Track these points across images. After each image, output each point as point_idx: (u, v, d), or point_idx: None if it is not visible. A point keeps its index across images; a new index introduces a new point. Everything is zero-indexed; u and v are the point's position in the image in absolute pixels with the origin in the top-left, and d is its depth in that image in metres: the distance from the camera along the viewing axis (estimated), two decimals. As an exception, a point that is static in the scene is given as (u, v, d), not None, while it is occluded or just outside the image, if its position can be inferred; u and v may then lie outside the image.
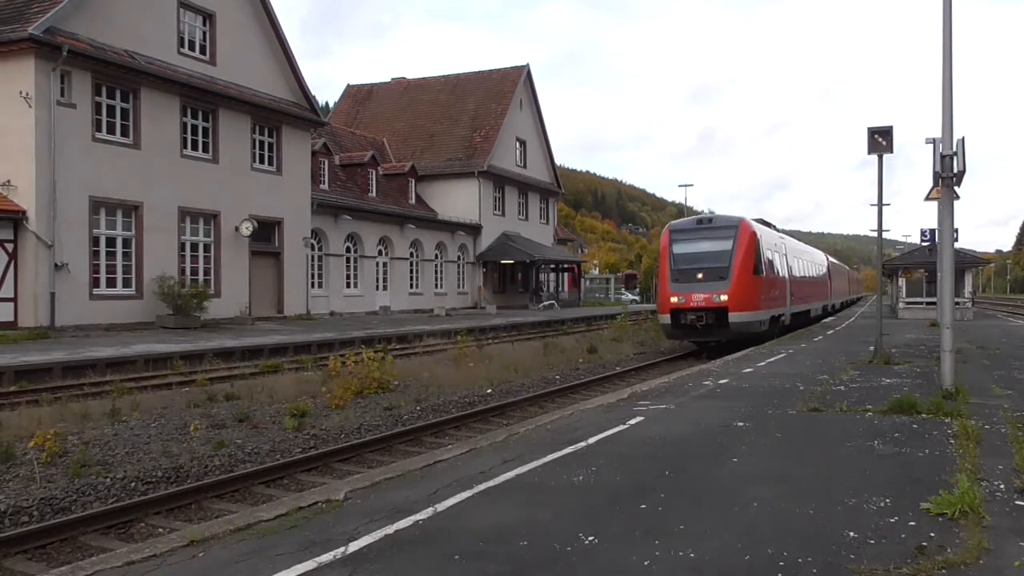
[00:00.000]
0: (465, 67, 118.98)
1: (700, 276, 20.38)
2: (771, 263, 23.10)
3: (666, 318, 20.77)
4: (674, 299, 20.33)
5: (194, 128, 26.70)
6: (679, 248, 21.24)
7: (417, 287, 41.28)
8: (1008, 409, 9.32)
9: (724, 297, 19.81)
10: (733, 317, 19.77)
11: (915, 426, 8.37)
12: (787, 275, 25.70)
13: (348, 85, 55.44)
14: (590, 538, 4.81)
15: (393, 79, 53.50)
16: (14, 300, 21.27)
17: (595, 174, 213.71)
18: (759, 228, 22.53)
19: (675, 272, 20.83)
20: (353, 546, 4.74)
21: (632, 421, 8.86)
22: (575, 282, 56.55)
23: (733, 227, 21.11)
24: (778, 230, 28.36)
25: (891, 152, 14.53)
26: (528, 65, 49.95)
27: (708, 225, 21.73)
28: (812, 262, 34.56)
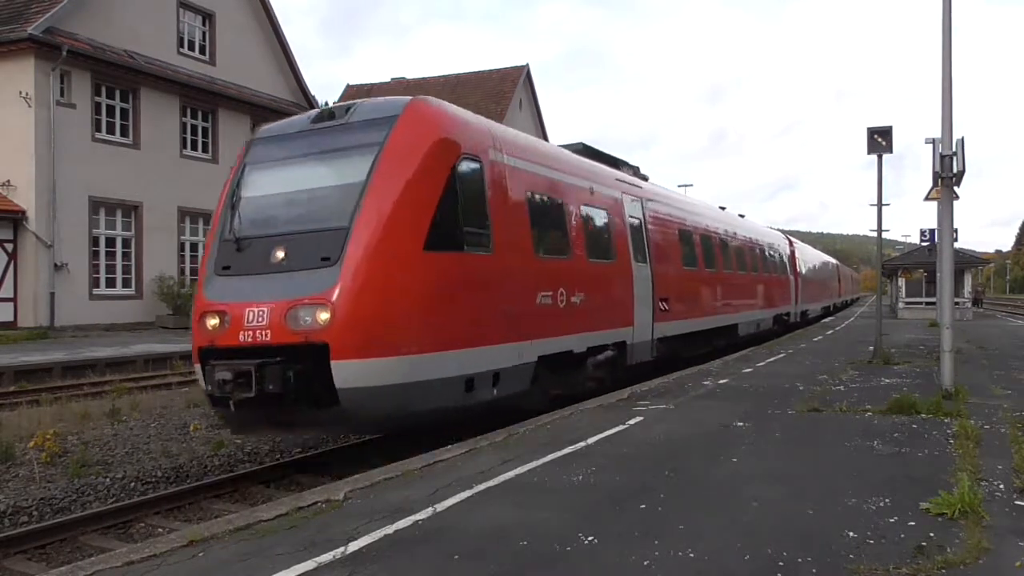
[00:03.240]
0: (465, 67, 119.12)
1: (280, 256, 7.86)
2: (544, 217, 10.45)
3: (199, 371, 8.08)
4: (211, 321, 7.86)
5: (194, 128, 26.72)
6: (255, 182, 8.85)
7: (417, 287, 41.26)
8: (1008, 409, 9.32)
9: (324, 316, 7.35)
10: (345, 369, 7.30)
11: (915, 426, 8.36)
12: (645, 256, 13.64)
13: (348, 85, 55.41)
14: (590, 538, 4.81)
15: (393, 79, 53.45)
16: (14, 300, 21.29)
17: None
18: (487, 128, 9.52)
19: (225, 247, 8.38)
20: (353, 546, 4.74)
21: (632, 421, 8.85)
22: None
23: (385, 122, 8.38)
24: (642, 177, 15.68)
25: (890, 152, 14.57)
26: (528, 65, 49.95)
27: (339, 124, 8.72)
28: (748, 241, 22.00)
